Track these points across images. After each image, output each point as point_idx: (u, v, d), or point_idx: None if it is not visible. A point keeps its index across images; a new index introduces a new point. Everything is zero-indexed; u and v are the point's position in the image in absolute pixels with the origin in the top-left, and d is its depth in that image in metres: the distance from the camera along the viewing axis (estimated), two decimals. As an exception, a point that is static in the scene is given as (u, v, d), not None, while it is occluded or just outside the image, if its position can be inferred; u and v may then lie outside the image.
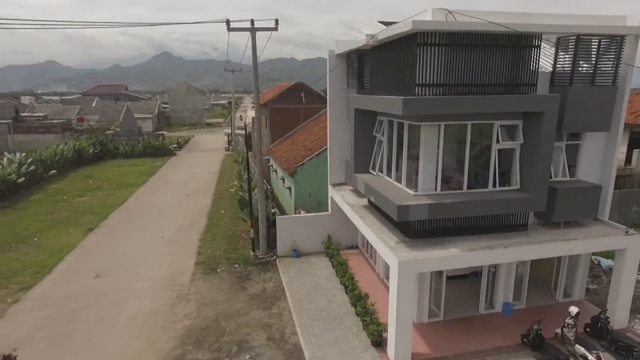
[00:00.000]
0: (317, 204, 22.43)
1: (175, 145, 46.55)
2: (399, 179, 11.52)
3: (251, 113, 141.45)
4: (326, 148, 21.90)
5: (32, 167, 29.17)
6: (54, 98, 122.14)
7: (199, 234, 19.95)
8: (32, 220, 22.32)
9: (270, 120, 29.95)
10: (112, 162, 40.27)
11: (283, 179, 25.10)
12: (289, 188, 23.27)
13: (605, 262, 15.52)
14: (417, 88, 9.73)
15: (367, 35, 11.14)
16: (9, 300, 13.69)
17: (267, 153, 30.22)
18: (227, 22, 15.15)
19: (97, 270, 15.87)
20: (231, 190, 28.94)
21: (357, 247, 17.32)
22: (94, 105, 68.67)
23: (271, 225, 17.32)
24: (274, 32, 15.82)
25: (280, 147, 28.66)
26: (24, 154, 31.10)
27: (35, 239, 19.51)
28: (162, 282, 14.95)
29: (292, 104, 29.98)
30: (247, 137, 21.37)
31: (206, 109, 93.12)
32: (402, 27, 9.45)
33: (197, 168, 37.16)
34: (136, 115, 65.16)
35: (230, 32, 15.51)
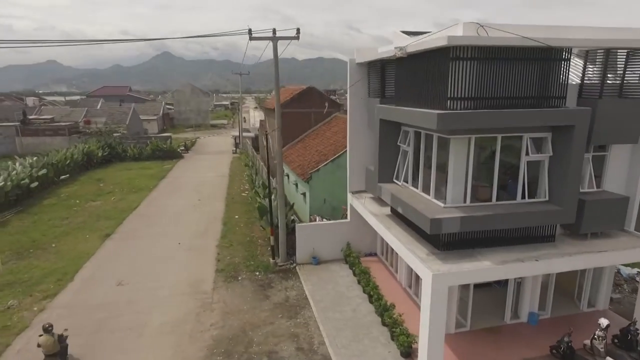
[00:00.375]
0: (331, 209, 22.52)
1: (183, 148, 46.64)
2: (426, 190, 11.58)
3: (255, 114, 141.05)
4: (341, 154, 22.07)
5: (44, 171, 29.25)
6: (58, 99, 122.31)
7: (216, 240, 20.03)
8: (48, 226, 22.41)
9: (281, 124, 29.93)
10: (121, 165, 40.35)
11: (296, 184, 25.18)
12: (304, 194, 23.36)
13: (626, 271, 15.58)
14: (449, 102, 9.78)
15: (395, 48, 11.19)
16: (35, 309, 13.78)
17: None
18: (250, 31, 15.24)
19: (118, 278, 15.96)
20: (243, 194, 29.05)
21: (375, 254, 17.39)
22: (99, 107, 68.76)
23: (290, 232, 17.39)
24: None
25: (292, 152, 28.74)
26: (35, 158, 31.19)
27: (54, 245, 19.60)
28: (185, 289, 15.03)
29: (303, 108, 30.07)
30: (255, 140, 21.41)
31: (210, 110, 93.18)
32: (436, 42, 9.51)
33: (207, 171, 37.24)
34: (141, 117, 65.27)
35: (231, 34, 15.69)
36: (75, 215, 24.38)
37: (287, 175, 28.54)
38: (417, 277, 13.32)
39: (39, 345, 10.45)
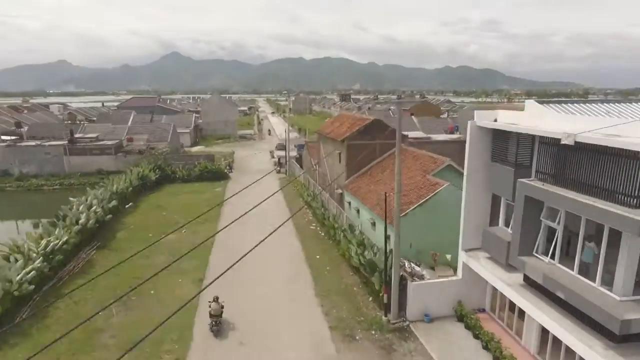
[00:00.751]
0: (416, 252, 22.56)
1: (228, 168, 46.87)
2: (585, 274, 11.58)
3: (274, 120, 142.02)
4: (430, 198, 22.12)
5: (114, 203, 29.57)
6: (88, 105, 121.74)
7: (311, 288, 20.14)
8: (135, 266, 22.61)
9: (347, 156, 30.14)
10: (172, 188, 40.66)
11: (374, 223, 25.22)
12: (388, 236, 23.32)
13: None
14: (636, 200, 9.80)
15: (564, 134, 11.21)
16: (173, 376, 13.96)
17: (344, 188, 30.41)
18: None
19: (238, 337, 16.11)
20: (311, 227, 29.17)
21: (484, 310, 17.41)
22: (130, 119, 69.44)
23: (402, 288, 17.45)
24: (282, 32, 16.09)
25: (361, 184, 28.80)
26: (100, 190, 31.36)
27: (152, 292, 19.85)
28: (310, 353, 15.14)
29: (368, 140, 30.15)
30: (299, 159, 21.40)
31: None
32: (630, 145, 9.52)
33: (260, 196, 37.39)
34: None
35: (239, 30, 15.46)
36: (156, 253, 24.57)
37: (358, 210, 28.70)
38: (552, 345, 13.29)
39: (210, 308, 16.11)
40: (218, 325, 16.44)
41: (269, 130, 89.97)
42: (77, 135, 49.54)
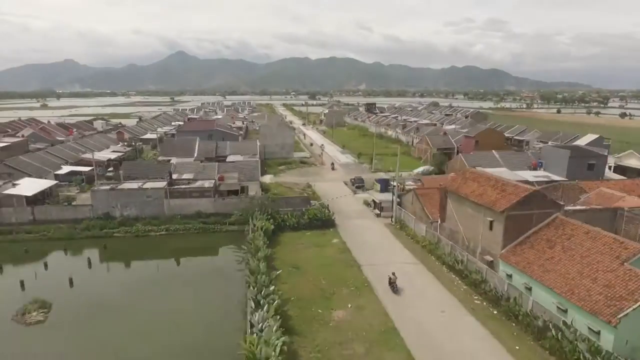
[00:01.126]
0: (630, 349, 22.14)
1: (329, 212, 46.33)
2: None
3: (313, 135, 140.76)
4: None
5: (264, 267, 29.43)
6: (102, 109, 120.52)
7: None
8: (331, 355, 22.52)
9: (505, 226, 29.81)
10: (287, 238, 40.22)
11: (565, 310, 24.66)
12: (598, 332, 22.83)
13: None
14: None
15: None
16: None
17: (502, 259, 30.01)
18: None
19: None
20: (475, 301, 28.75)
21: None
22: (196, 148, 69.26)
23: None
24: (286, 31, 14.59)
25: (528, 258, 28.32)
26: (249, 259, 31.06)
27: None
28: None
29: (527, 210, 29.82)
30: (442, 209, 20.95)
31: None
32: None
33: (386, 251, 37.21)
34: (241, 158, 65.29)
35: (243, 30, 14.43)
36: (346, 339, 24.21)
37: (510, 275, 28.52)
38: None
39: None
40: None
41: (322, 151, 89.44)
42: (174, 177, 49.31)
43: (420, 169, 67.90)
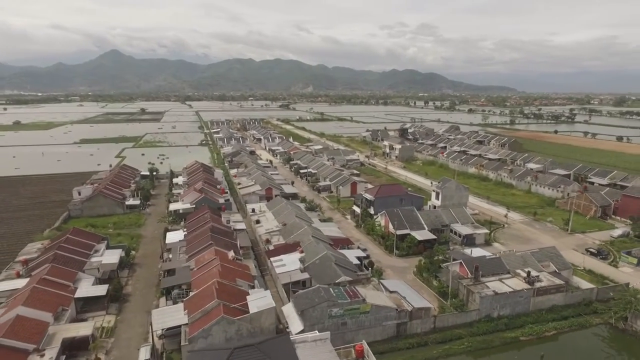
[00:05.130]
0: None
1: None
2: None
3: (406, 173, 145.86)
4: None
5: None
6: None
7: None
8: None
9: None
10: None
11: None
12: None
13: None
14: None
15: None
16: None
17: None
18: None
19: None
20: None
21: None
22: (422, 220, 73.57)
23: None
24: (223, 31, 17.55)
25: None
26: None
27: None
28: None
29: None
30: None
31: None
32: None
33: None
34: (470, 230, 71.80)
35: (178, 28, 17.44)
36: None
37: None
38: None
39: None
40: None
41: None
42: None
43: (618, 231, 77.81)
